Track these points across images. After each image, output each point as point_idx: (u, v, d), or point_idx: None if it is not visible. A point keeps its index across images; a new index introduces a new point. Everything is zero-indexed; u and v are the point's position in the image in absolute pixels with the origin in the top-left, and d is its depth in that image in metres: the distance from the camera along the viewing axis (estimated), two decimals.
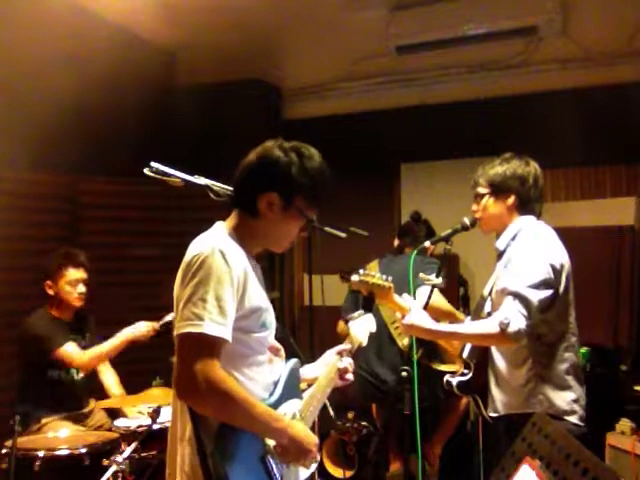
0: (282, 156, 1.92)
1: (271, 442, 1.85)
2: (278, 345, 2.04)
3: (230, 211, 1.99)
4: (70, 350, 3.50)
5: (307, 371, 2.22)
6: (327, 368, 2.20)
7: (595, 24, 4.66)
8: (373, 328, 2.56)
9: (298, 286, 5.55)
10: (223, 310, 1.75)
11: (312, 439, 1.92)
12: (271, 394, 1.93)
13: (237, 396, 1.75)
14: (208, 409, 1.76)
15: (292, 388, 2.02)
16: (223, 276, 1.77)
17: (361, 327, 2.48)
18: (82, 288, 3.68)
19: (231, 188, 2.08)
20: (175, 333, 1.78)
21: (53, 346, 3.48)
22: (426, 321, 2.62)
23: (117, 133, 4.59)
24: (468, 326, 2.69)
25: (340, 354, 2.27)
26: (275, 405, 1.90)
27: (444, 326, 2.67)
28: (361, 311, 2.57)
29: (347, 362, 2.26)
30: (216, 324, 1.74)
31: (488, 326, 2.47)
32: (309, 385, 2.18)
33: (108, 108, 4.43)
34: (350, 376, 2.26)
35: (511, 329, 2.37)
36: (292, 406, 1.98)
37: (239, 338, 1.82)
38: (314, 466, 2.01)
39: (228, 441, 1.75)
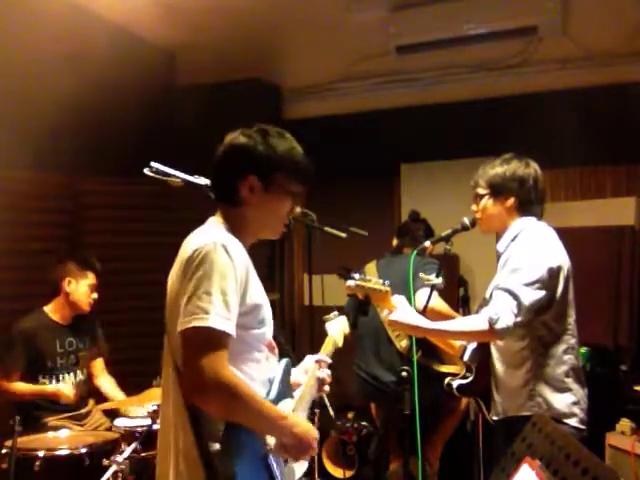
0: (247, 140, 1.94)
1: (271, 440, 1.83)
2: (274, 343, 2.01)
3: (215, 208, 1.99)
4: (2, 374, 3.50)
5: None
6: (308, 375, 2.14)
7: (595, 24, 4.65)
8: (347, 330, 2.50)
9: (298, 286, 5.54)
10: (228, 304, 1.72)
11: (314, 433, 1.90)
12: (269, 392, 1.90)
13: (245, 393, 1.72)
14: (216, 405, 1.71)
15: (286, 387, 2.00)
16: (226, 270, 1.74)
17: (337, 329, 2.43)
18: (95, 295, 3.72)
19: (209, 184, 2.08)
20: (179, 329, 1.73)
21: (4, 359, 3.51)
22: (411, 317, 2.59)
23: (117, 133, 4.59)
24: (456, 323, 2.67)
25: (319, 363, 2.17)
26: (274, 403, 1.88)
27: (431, 323, 2.61)
28: (336, 312, 2.51)
29: (326, 373, 2.18)
30: (222, 318, 1.70)
31: (476, 322, 2.46)
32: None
33: (108, 108, 4.43)
34: (327, 388, 2.17)
35: (499, 325, 2.36)
36: (287, 405, 1.96)
37: (238, 334, 1.78)
38: (306, 464, 2.00)
39: (233, 442, 1.72)
